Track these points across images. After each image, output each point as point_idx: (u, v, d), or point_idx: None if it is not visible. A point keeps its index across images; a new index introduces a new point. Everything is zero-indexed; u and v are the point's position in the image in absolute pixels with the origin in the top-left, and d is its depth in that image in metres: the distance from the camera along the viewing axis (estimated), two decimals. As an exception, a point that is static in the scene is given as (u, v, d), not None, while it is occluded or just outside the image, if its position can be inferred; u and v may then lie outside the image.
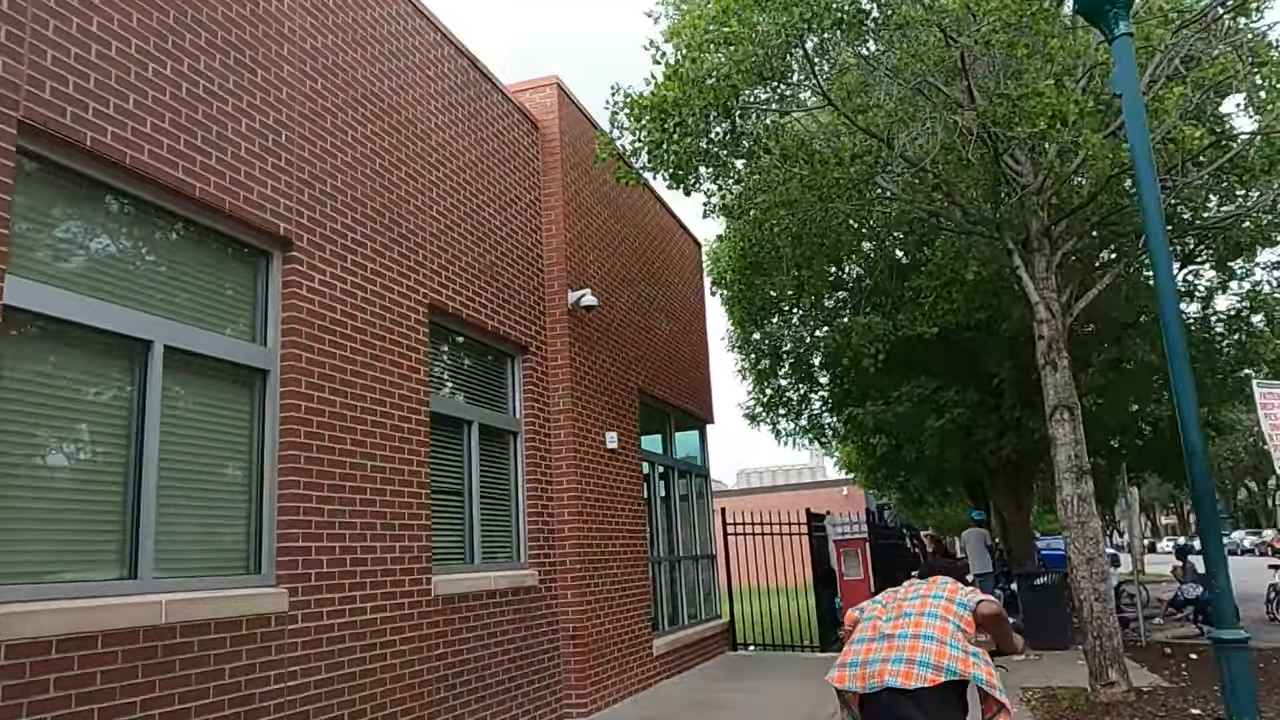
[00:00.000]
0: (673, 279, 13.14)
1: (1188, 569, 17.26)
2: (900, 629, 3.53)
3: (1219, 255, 13.52)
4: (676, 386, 12.78)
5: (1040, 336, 8.47)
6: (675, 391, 12.70)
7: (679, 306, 13.39)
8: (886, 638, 3.52)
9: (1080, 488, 8.17)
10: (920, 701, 3.29)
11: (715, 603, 13.73)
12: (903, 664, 3.38)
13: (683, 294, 13.67)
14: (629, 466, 10.40)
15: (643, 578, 10.38)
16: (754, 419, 18.24)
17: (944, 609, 3.62)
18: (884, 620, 3.64)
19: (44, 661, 3.83)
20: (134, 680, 4.23)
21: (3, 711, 3.64)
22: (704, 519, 13.89)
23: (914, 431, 13.99)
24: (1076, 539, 8.13)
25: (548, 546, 8.64)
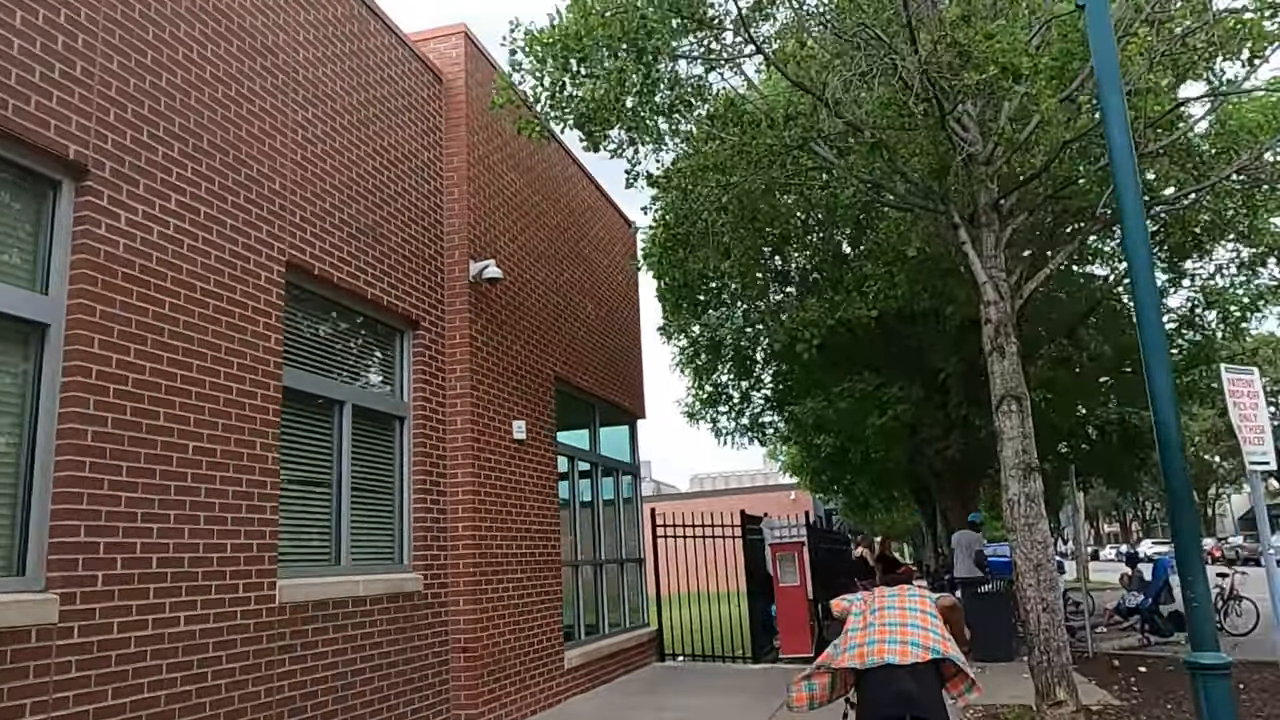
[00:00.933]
0: (600, 261, 12.22)
1: (1134, 577, 16.79)
2: (889, 619, 4.26)
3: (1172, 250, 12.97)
4: (603, 377, 11.85)
5: (987, 320, 7.69)
6: (601, 382, 11.77)
7: (608, 291, 12.47)
8: (880, 626, 4.21)
9: (1028, 486, 7.40)
10: (913, 674, 4.01)
11: (643, 610, 12.81)
12: (898, 644, 4.08)
13: (612, 278, 12.75)
14: (541, 460, 9.43)
15: (555, 583, 9.42)
16: (693, 416, 17.37)
17: (920, 604, 4.41)
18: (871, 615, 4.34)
19: None
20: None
21: None
22: (632, 520, 12.98)
23: (856, 429, 13.23)
24: (1023, 543, 7.34)
25: (437, 547, 7.64)
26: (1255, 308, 11.92)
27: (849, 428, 13.35)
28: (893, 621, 4.24)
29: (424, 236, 7.97)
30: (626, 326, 13.20)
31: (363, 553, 6.85)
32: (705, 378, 16.64)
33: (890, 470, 21.42)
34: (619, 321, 12.86)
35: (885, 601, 4.42)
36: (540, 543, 9.18)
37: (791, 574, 12.75)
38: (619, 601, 12.08)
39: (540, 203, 10.29)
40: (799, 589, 12.66)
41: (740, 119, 7.95)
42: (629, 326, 13.33)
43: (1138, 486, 30.14)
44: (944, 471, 15.52)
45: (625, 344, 13.03)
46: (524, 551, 8.78)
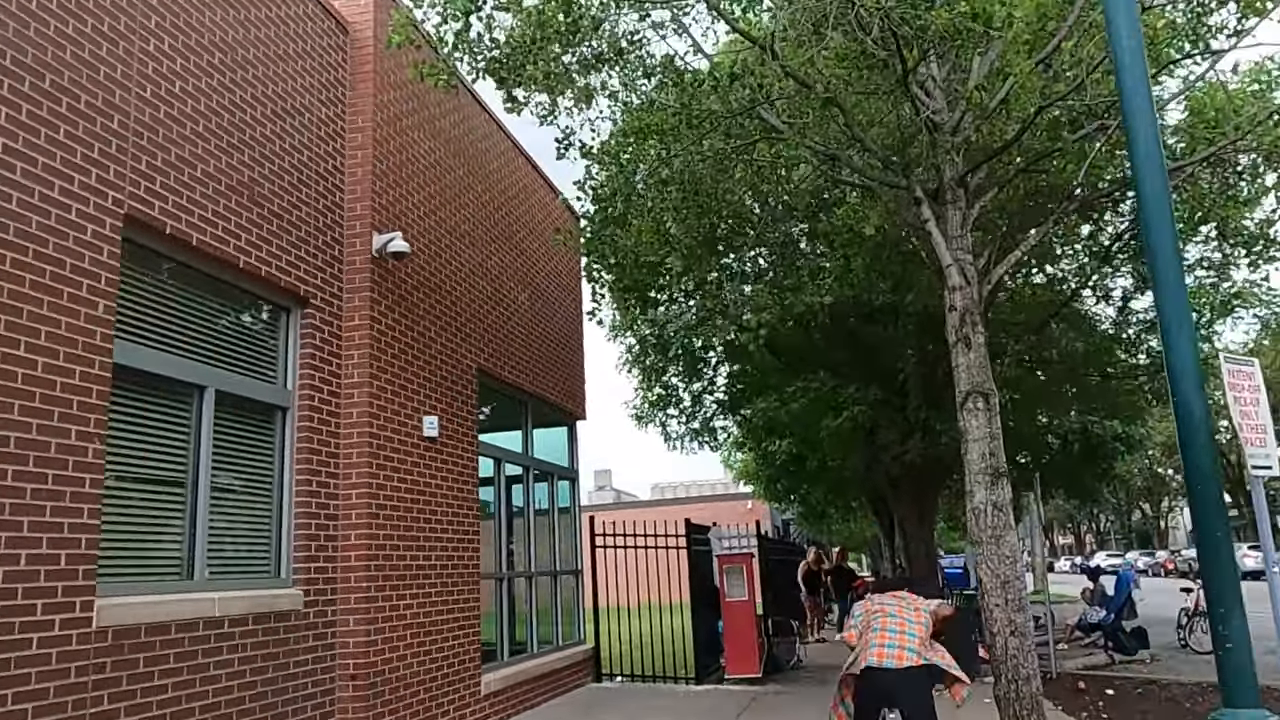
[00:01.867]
0: (536, 247, 11.27)
1: (1097, 591, 16.18)
2: (889, 625, 5.11)
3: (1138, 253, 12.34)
4: (537, 373, 10.90)
5: (952, 307, 6.87)
6: (536, 379, 10.81)
7: (545, 281, 11.53)
8: (881, 631, 5.09)
9: (995, 493, 6.58)
10: (901, 677, 4.85)
11: (578, 626, 11.85)
12: (895, 649, 4.95)
13: (551, 267, 11.81)
14: (458, 461, 8.45)
15: (472, 598, 8.44)
16: (641, 419, 16.47)
17: (915, 615, 5.28)
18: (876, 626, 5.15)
19: None
20: None
21: None
22: (569, 529, 12.02)
23: (810, 432, 12.40)
24: (990, 557, 6.52)
25: (325, 558, 6.63)
26: (1228, 310, 11.29)
27: (802, 430, 12.53)
28: (892, 627, 5.19)
29: (318, 202, 6.97)
30: (566, 320, 12.26)
31: (225, 565, 5.83)
32: (654, 379, 15.75)
33: (846, 479, 20.68)
34: (558, 314, 11.92)
35: (887, 610, 5.37)
36: (455, 553, 8.20)
37: (739, 588, 11.86)
38: (551, 617, 11.11)
39: (465, 177, 9.33)
40: (747, 604, 11.77)
41: (680, 80, 7.08)
42: (569, 321, 12.39)
43: (1099, 498, 29.80)
44: (901, 481, 14.76)
45: (564, 339, 12.08)
46: (434, 563, 7.79)
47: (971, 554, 29.57)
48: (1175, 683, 10.67)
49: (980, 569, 6.62)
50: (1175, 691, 10.10)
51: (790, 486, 23.25)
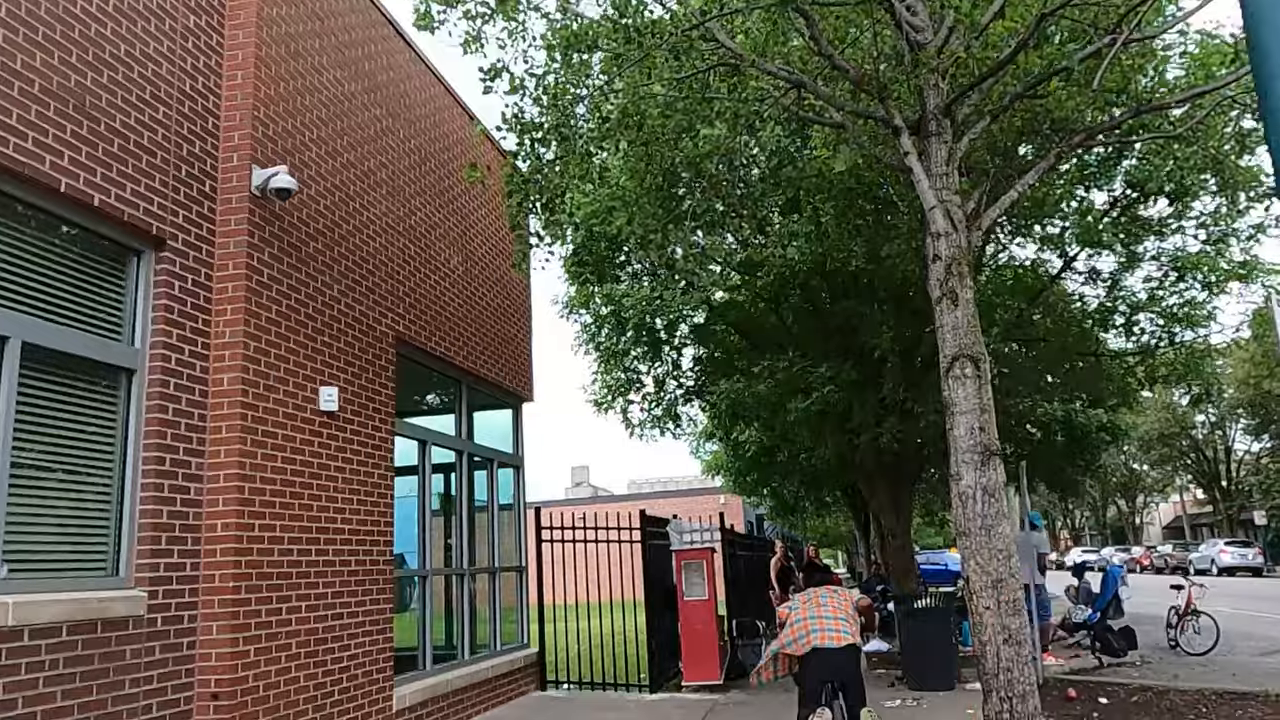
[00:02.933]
0: (475, 208, 10.14)
1: (1082, 589, 15.27)
2: (823, 610, 6.05)
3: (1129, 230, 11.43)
4: (476, 348, 9.77)
5: (936, 257, 5.83)
6: (473, 354, 9.68)
7: (485, 246, 10.40)
8: (819, 619, 5.98)
9: (986, 475, 5.55)
10: (841, 654, 5.82)
11: (522, 628, 10.74)
12: (832, 632, 5.89)
13: (493, 231, 10.67)
14: (368, 442, 7.31)
15: (382, 599, 7.31)
16: (600, 405, 15.35)
17: (845, 604, 6.19)
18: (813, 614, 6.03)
19: None
20: None
21: None
22: (512, 522, 10.91)
23: (777, 416, 11.35)
24: (979, 551, 5.48)
25: (181, 553, 5.48)
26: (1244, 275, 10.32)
27: (769, 414, 11.47)
28: (827, 613, 6.00)
29: (182, 126, 5.81)
30: (510, 292, 11.13)
31: (31, 562, 4.66)
32: (614, 362, 14.65)
33: (820, 471, 19.72)
34: (500, 284, 10.79)
35: (819, 599, 6.18)
36: (362, 546, 7.06)
37: (699, 586, 10.80)
38: (489, 619, 9.99)
39: (384, 119, 8.18)
40: (707, 604, 10.70)
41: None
42: (514, 292, 11.26)
43: (1081, 491, 29.04)
44: (876, 473, 13.79)
45: (507, 312, 10.96)
46: (332, 558, 6.65)
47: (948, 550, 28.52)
48: (1174, 689, 9.72)
49: (967, 565, 5.58)
50: (1175, 700, 9.14)
51: (761, 479, 22.26)
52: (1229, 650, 13.33)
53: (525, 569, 10.88)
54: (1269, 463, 44.22)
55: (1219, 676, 11.05)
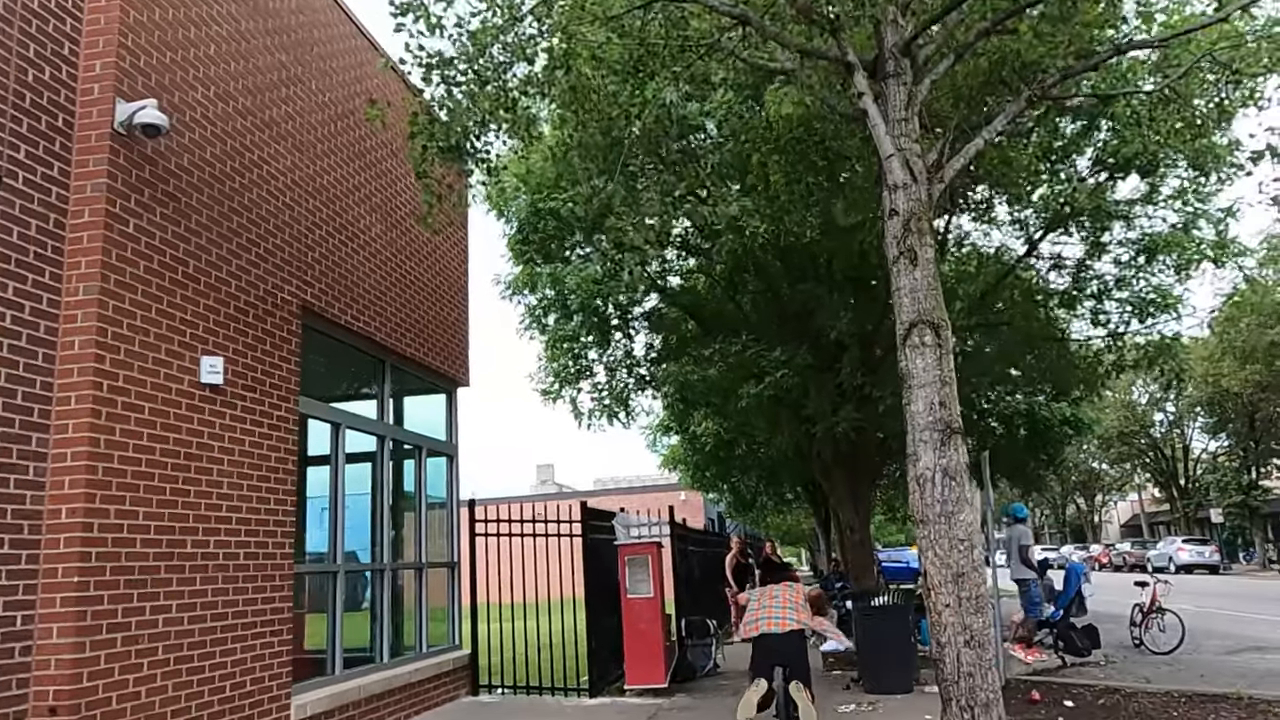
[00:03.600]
0: (402, 173, 9.36)
1: (1044, 586, 14.83)
2: (774, 601, 6.98)
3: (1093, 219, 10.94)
4: (402, 325, 9.00)
5: (893, 212, 5.19)
6: (399, 332, 8.91)
7: (413, 214, 9.62)
8: (769, 607, 6.91)
9: (946, 456, 4.92)
10: (788, 639, 6.70)
11: (453, 629, 9.99)
12: (780, 619, 6.76)
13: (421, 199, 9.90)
14: (265, 421, 6.53)
15: (279, 598, 6.53)
16: (548, 394, 14.61)
17: (795, 595, 7.07)
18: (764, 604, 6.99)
19: None
20: None
21: None
22: (443, 514, 10.15)
23: (728, 402, 10.68)
24: (938, 541, 4.85)
25: (13, 543, 4.67)
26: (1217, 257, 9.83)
27: (720, 400, 10.79)
28: (777, 604, 6.99)
29: (27, 46, 5.00)
30: (445, 268, 10.36)
31: None
32: (562, 348, 13.92)
33: (778, 464, 19.18)
34: (433, 259, 10.03)
35: (773, 591, 7.22)
36: (254, 539, 6.28)
37: (644, 583, 10.11)
38: (413, 619, 9.23)
39: (290, 65, 7.39)
40: (652, 602, 10.02)
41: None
42: (449, 269, 10.49)
43: (1044, 487, 28.78)
44: (834, 466, 13.19)
45: (441, 289, 10.19)
46: (214, 550, 5.87)
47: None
48: (1142, 691, 9.20)
49: (925, 557, 4.94)
50: (1144, 703, 8.62)
51: (720, 474, 21.66)
52: (1194, 649, 12.93)
53: (458, 565, 10.13)
54: (1226, 461, 44.54)
55: (1187, 677, 10.59)
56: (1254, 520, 42.50)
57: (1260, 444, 41.13)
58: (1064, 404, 17.30)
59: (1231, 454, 43.96)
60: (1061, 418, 16.87)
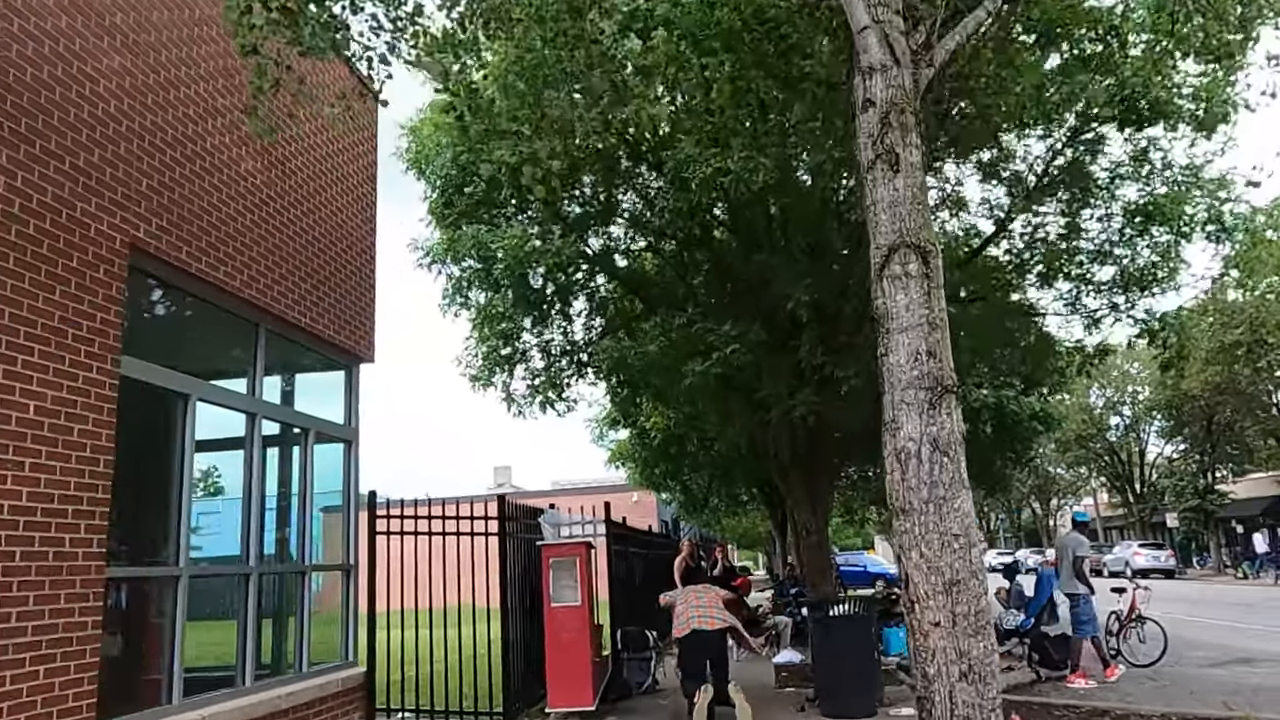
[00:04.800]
0: (295, 106, 7.92)
1: (1013, 592, 13.76)
2: (699, 601, 8.16)
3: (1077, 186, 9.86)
4: (286, 285, 7.58)
5: (869, 102, 3.95)
6: (280, 292, 7.49)
7: (311, 161, 8.20)
8: (696, 607, 8.05)
9: (937, 423, 3.68)
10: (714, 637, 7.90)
11: (346, 643, 8.54)
12: (707, 619, 7.92)
13: (327, 145, 8.48)
14: (61, 384, 5.08)
15: (81, 610, 5.08)
16: (478, 380, 13.21)
17: (717, 598, 8.39)
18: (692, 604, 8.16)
19: None
20: None
21: None
22: (339, 510, 8.72)
23: (670, 382, 9.37)
24: (926, 538, 3.61)
25: None
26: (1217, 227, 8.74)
27: (661, 380, 9.48)
28: (702, 604, 8.18)
29: None
30: (342, 220, 8.94)
31: None
32: (490, 328, 12.54)
33: (731, 462, 17.98)
34: (327, 209, 8.60)
35: (696, 593, 8.44)
36: (39, 533, 4.84)
37: (570, 590, 8.78)
38: (298, 632, 7.79)
39: (123, -54, 5.94)
40: (579, 611, 8.69)
41: None
42: (348, 222, 9.07)
43: (1009, 488, 27.91)
44: (791, 462, 11.97)
45: (340, 249, 8.78)
46: (-29, 550, 4.42)
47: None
48: (1135, 713, 8.09)
49: (908, 558, 3.67)
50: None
51: (670, 471, 20.39)
52: (1175, 660, 11.90)
53: (354, 568, 8.70)
54: (1182, 465, 44.36)
55: (1176, 694, 9.53)
56: (1209, 525, 42.28)
57: (1216, 448, 40.93)
58: (1032, 399, 16.34)
59: (1187, 458, 43.76)
60: (1031, 412, 15.91)
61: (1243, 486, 42.34)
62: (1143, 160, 9.29)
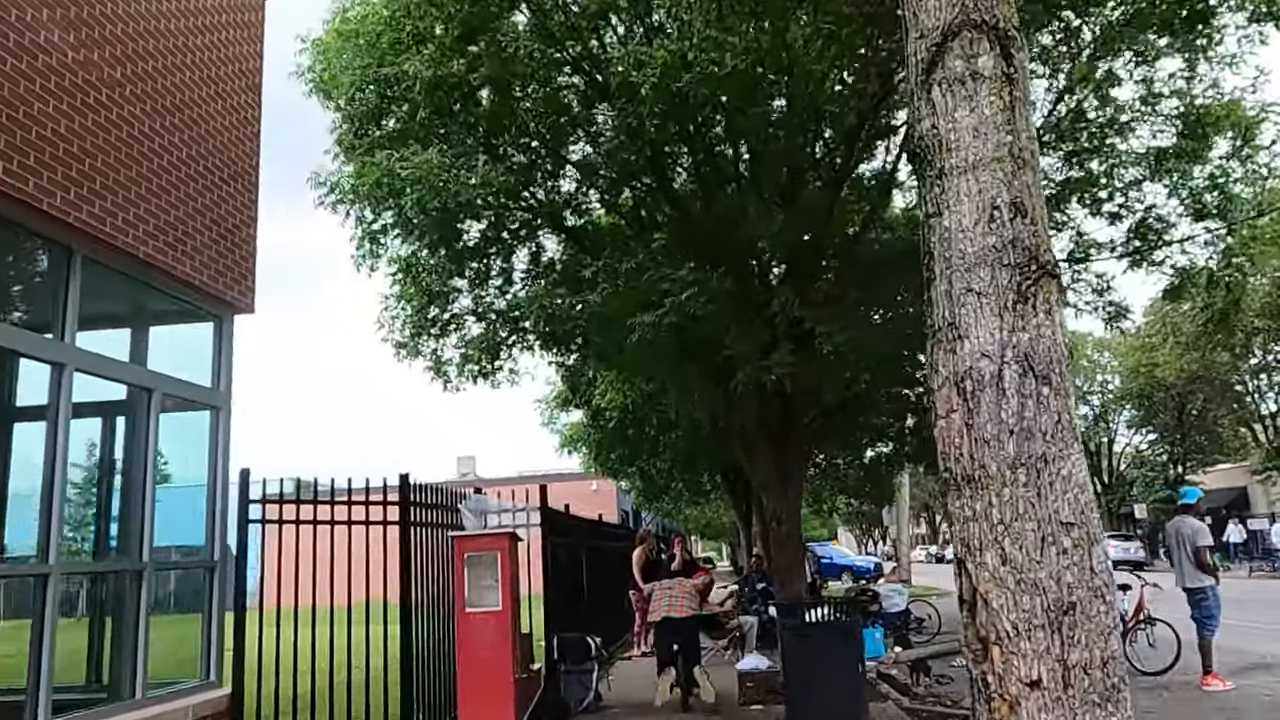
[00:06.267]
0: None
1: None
2: (670, 592, 8.77)
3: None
4: (123, 205, 5.84)
5: None
6: (113, 212, 5.74)
7: (162, 54, 6.45)
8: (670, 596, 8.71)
9: (1028, 327, 2.06)
10: (684, 623, 8.53)
11: (207, 658, 6.83)
12: (678, 607, 8.59)
13: (182, 33, 6.73)
14: None
15: None
16: (403, 348, 11.49)
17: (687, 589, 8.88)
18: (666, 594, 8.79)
19: None
20: None
21: None
22: (195, 492, 7.00)
23: (611, 337, 7.72)
24: (1014, 527, 1.98)
25: None
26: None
27: (601, 334, 7.82)
28: (675, 594, 8.74)
29: None
30: (211, 132, 7.19)
31: None
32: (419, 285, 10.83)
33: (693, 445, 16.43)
34: (193, 118, 6.86)
35: (667, 584, 8.95)
36: None
37: (490, 591, 7.14)
38: (130, 645, 6.08)
39: None
40: (501, 617, 7.05)
41: None
42: (221, 137, 7.32)
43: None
44: (758, 437, 10.40)
45: (206, 165, 7.03)
46: None
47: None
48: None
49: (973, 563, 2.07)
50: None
51: (627, 456, 18.77)
52: (1185, 666, 10.52)
53: (219, 564, 6.99)
54: (1151, 456, 43.69)
55: (1204, 710, 8.14)
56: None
57: (1187, 438, 40.22)
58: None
59: (1156, 449, 43.07)
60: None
61: (1211, 478, 41.72)
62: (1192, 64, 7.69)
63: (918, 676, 10.84)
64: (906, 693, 10.01)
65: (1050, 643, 1.95)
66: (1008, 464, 2.07)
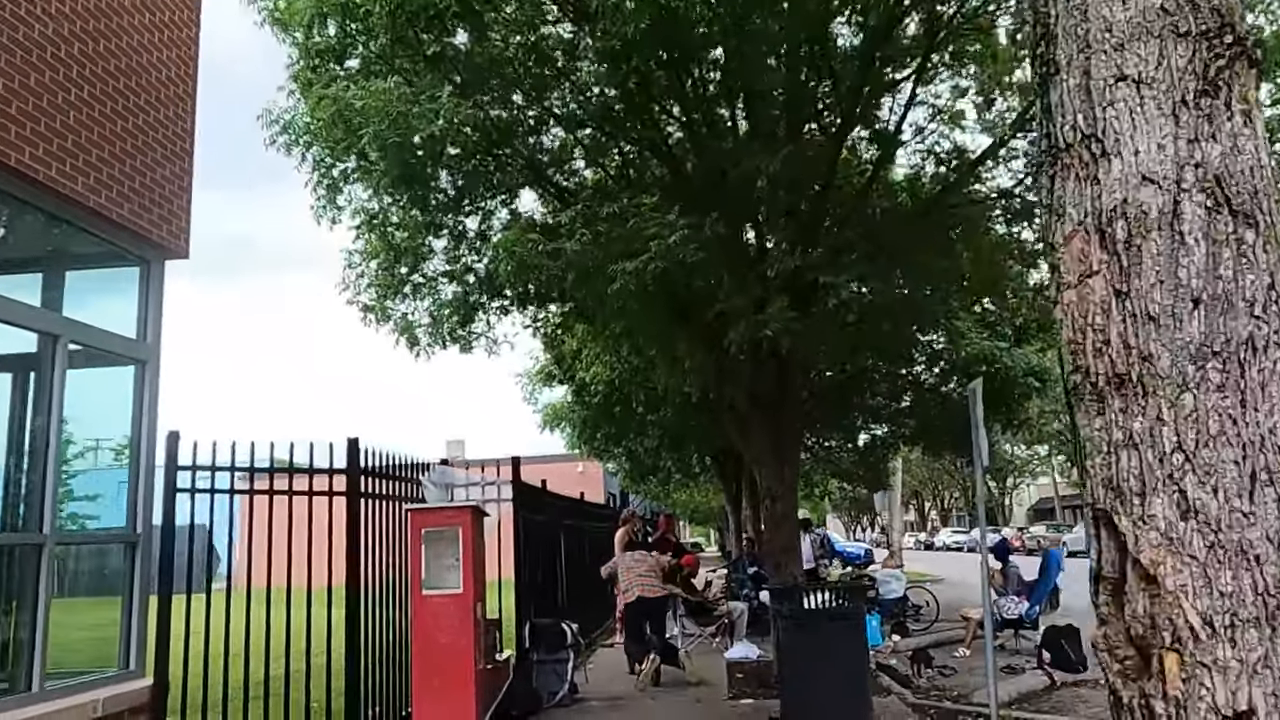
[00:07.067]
0: None
1: (1010, 576, 11.68)
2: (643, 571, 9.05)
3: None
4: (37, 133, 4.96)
5: None
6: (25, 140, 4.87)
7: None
8: (639, 575, 9.00)
9: (1216, 135, 1.22)
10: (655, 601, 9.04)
11: (127, 645, 6.00)
12: (650, 588, 8.94)
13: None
14: None
15: None
16: (370, 311, 10.62)
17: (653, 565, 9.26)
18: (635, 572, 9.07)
19: None
20: None
21: None
22: (112, 456, 6.16)
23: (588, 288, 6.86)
24: (1199, 456, 1.16)
25: None
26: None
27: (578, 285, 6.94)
28: (644, 572, 9.07)
29: None
30: (139, 51, 6.31)
31: None
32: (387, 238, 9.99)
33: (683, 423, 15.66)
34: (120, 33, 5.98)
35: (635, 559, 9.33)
36: None
37: (451, 571, 6.33)
38: (29, 631, 5.25)
39: None
40: (461, 600, 6.25)
41: None
42: (150, 57, 6.44)
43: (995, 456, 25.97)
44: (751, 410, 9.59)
45: (133, 88, 6.16)
46: None
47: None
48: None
49: (1134, 512, 1.26)
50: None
51: (614, 435, 17.97)
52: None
53: (142, 540, 6.15)
54: (1145, 443, 43.16)
55: None
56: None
57: (1182, 425, 39.64)
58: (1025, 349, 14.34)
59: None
60: (1026, 367, 13.80)
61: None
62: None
63: (919, 667, 10.16)
64: (908, 685, 9.31)
65: (1271, 648, 1.17)
66: (1190, 354, 1.26)
